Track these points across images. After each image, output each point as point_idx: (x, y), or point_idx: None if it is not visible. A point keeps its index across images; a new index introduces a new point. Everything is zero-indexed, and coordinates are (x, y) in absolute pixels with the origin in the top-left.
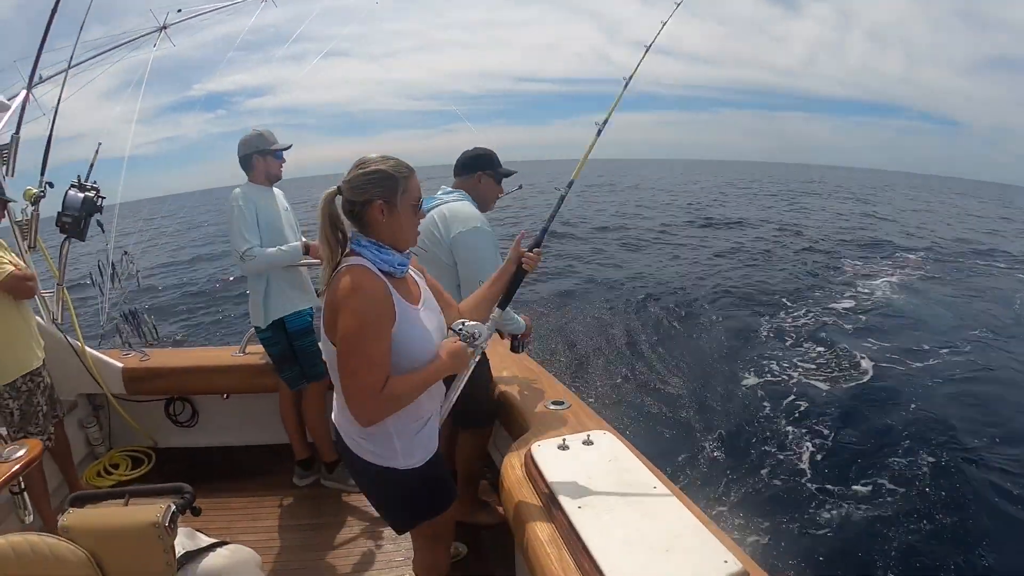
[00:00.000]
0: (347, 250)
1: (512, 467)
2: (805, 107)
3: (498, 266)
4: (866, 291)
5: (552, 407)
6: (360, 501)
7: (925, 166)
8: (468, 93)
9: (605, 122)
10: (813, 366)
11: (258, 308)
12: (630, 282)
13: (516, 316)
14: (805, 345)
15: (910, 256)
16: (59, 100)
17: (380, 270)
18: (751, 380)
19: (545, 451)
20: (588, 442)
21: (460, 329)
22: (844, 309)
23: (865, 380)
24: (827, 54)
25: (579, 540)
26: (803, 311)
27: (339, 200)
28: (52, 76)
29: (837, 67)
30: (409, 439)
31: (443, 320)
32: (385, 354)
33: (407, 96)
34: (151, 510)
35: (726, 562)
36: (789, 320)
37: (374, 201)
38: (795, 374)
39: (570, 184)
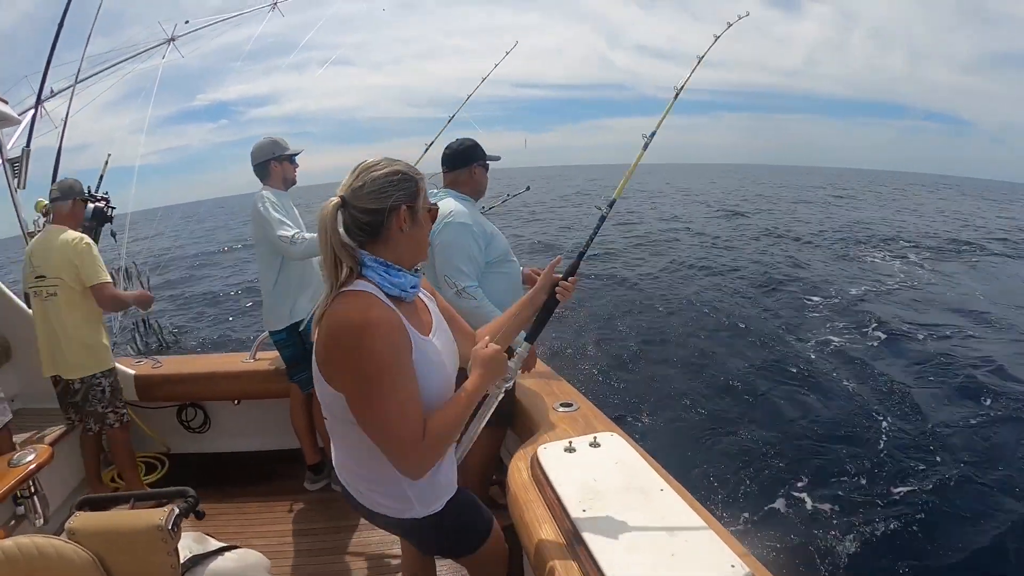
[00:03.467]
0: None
1: (518, 470)
2: (806, 108)
3: (471, 256)
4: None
5: (561, 409)
6: None
7: (934, 166)
8: (469, 99)
9: (652, 134)
10: (841, 367)
11: (278, 310)
12: (643, 282)
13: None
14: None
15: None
16: (67, 114)
17: (388, 295)
18: (769, 382)
19: (551, 453)
20: (595, 444)
21: None
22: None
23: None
24: (828, 55)
25: (583, 545)
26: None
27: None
28: (62, 91)
29: (839, 67)
30: (422, 485)
31: (455, 348)
32: (416, 393)
33: (408, 103)
34: (155, 513)
35: (733, 567)
36: (820, 322)
37: (400, 207)
38: (815, 375)
39: (611, 203)
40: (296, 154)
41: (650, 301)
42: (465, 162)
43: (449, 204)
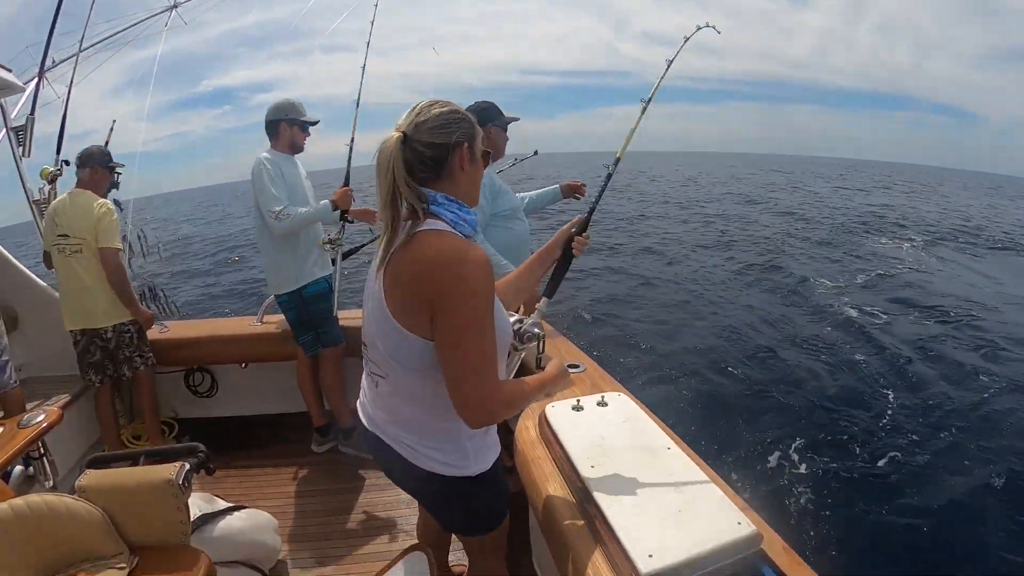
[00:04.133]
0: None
1: (526, 428)
2: (813, 99)
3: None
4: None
5: (568, 370)
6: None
7: (940, 159)
8: (474, 86)
9: (650, 99)
10: (847, 341)
11: (282, 274)
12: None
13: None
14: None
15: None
16: (71, 83)
17: (462, 234)
18: (783, 353)
19: (559, 412)
20: (602, 403)
21: (519, 328)
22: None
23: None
24: (836, 46)
25: (592, 501)
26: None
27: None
28: (64, 60)
29: (846, 59)
30: (480, 440)
31: None
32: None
33: (413, 90)
34: (166, 469)
35: (739, 524)
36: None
37: (463, 143)
38: (823, 348)
39: (616, 162)
40: (311, 123)
41: (656, 275)
42: (482, 123)
43: None
